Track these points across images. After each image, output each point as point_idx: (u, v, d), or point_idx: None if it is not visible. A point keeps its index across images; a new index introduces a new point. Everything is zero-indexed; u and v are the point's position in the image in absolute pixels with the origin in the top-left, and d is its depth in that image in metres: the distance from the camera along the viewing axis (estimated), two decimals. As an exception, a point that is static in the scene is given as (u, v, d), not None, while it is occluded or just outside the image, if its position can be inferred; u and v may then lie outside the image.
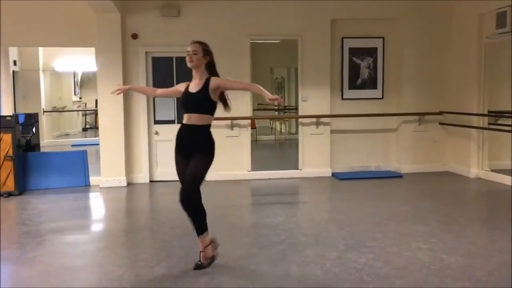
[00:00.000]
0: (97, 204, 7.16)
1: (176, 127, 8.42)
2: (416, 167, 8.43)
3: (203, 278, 3.92)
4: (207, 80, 4.04)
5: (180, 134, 4.13)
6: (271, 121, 13.64)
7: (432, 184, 7.57)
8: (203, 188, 4.01)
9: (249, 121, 8.15)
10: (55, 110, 13.02)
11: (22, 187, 7.21)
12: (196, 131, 4.03)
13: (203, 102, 4.02)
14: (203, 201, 4.01)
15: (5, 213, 6.42)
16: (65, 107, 13.73)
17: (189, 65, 4.09)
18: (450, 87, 8.44)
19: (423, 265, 4.14)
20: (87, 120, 14.68)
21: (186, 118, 4.08)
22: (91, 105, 13.68)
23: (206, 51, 4.08)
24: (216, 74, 4.14)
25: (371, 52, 8.42)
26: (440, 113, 8.46)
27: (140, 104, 7.86)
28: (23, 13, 7.47)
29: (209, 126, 4.09)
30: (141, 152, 7.92)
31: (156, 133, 7.99)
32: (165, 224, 5.73)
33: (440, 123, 8.54)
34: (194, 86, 4.10)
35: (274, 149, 12.49)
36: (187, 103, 4.11)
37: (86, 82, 13.90)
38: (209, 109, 4.07)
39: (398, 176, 8.14)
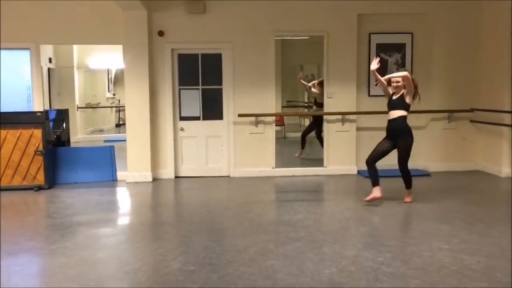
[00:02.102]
0: (121, 199, 7.29)
1: (201, 123, 8.54)
2: (445, 165, 8.24)
3: (216, 273, 3.94)
4: None
5: None
6: (300, 118, 13.54)
7: (461, 183, 7.37)
8: (225, 184, 3.99)
9: (273, 118, 8.11)
10: (88, 106, 13.32)
11: (51, 181, 7.42)
12: None
13: None
14: (225, 197, 3.96)
15: (34, 206, 6.65)
16: (99, 103, 14.04)
17: None
18: (482, 84, 8.19)
19: (442, 265, 4.05)
20: (120, 116, 14.93)
21: None
22: (124, 102, 13.87)
23: None
24: None
25: (399, 48, 8.26)
26: (471, 110, 8.23)
27: (166, 101, 7.96)
28: (52, 12, 7.67)
29: None
30: (167, 148, 8.01)
31: (182, 129, 8.07)
32: (186, 219, 5.81)
33: (470, 121, 8.31)
34: None
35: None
36: None
37: (119, 79, 14.13)
38: None
39: (426, 174, 7.96)
